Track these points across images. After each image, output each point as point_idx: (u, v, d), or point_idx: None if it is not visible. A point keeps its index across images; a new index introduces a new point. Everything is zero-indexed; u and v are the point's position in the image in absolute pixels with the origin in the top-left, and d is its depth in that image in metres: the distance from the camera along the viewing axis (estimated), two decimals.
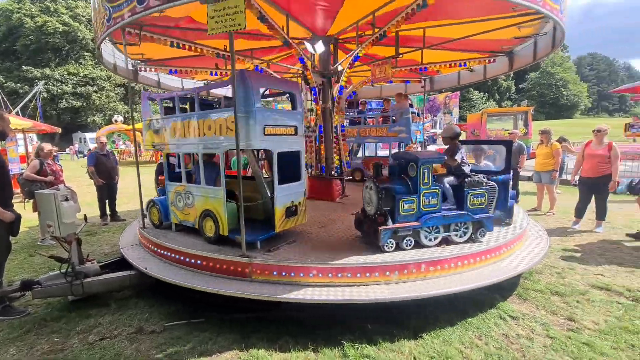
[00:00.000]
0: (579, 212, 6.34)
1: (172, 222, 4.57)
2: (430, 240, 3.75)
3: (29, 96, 24.17)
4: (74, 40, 42.30)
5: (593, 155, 5.92)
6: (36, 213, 4.32)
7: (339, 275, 3.26)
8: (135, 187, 5.16)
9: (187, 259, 3.78)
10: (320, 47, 5.63)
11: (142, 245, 4.59)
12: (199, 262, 3.68)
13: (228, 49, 6.05)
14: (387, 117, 8.22)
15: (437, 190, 3.73)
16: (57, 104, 39.94)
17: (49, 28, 39.93)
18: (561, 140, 8.91)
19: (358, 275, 3.27)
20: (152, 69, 7.46)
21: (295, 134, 4.08)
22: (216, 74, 8.02)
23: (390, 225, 3.60)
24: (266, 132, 3.69)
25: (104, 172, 7.18)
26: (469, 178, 3.97)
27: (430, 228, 3.73)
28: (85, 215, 4.19)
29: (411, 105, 7.94)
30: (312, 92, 5.97)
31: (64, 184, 6.03)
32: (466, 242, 3.85)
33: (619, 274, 4.27)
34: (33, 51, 40.55)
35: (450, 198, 3.97)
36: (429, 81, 8.92)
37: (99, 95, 42.17)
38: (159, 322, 3.40)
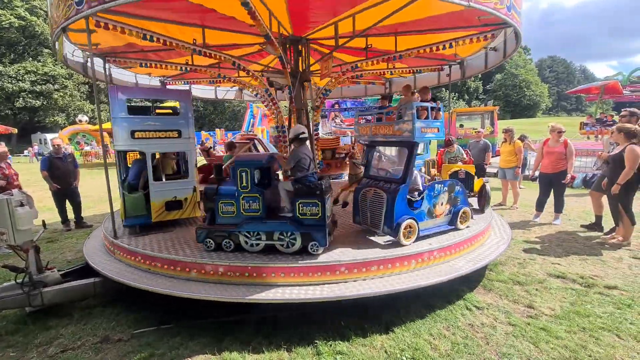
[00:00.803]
0: (539, 205, 6.74)
1: None
2: (251, 245, 3.64)
3: None
4: (31, 36, 39.60)
5: (550, 152, 6.31)
6: None
7: (156, 264, 3.68)
8: (99, 190, 4.95)
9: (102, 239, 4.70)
10: (272, 50, 5.67)
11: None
12: (103, 241, 4.61)
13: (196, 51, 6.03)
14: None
15: (257, 195, 3.59)
16: (13, 103, 37.21)
17: (3, 22, 37.12)
18: (522, 138, 9.42)
19: (171, 267, 3.60)
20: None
21: (179, 136, 4.62)
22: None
23: (207, 225, 3.74)
24: (135, 136, 4.36)
25: (59, 176, 6.73)
26: (298, 184, 3.67)
27: (251, 233, 3.61)
28: (43, 221, 3.96)
29: (434, 100, 6.79)
30: (267, 93, 5.97)
31: (20, 188, 5.65)
32: (296, 253, 3.55)
33: (573, 263, 4.58)
34: None
35: (286, 205, 3.79)
36: (460, 67, 7.44)
37: (61, 94, 39.63)
38: (127, 329, 3.27)
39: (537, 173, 6.86)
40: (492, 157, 9.64)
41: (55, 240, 6.30)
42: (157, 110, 4.81)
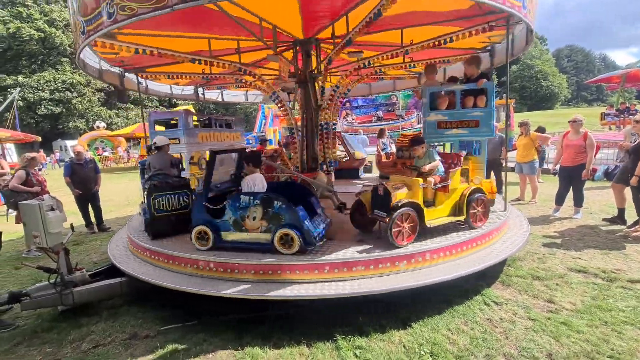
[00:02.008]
0: (559, 199, 6.59)
1: None
2: None
3: (4, 105, 23.37)
4: (50, 47, 41.05)
5: (570, 146, 6.17)
6: (20, 225, 4.26)
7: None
8: (120, 195, 5.14)
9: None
10: (273, 58, 5.82)
11: None
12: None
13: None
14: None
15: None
16: (34, 111, 38.70)
17: (23, 35, 38.62)
18: (540, 130, 9.20)
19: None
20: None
21: (179, 142, 6.34)
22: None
23: None
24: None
25: (80, 182, 7.01)
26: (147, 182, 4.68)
27: None
28: (71, 225, 4.16)
29: (484, 76, 4.67)
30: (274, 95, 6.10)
31: (49, 193, 5.94)
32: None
33: (595, 257, 4.49)
34: (6, 59, 39.22)
35: None
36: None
37: (80, 100, 40.99)
38: (153, 326, 3.42)
39: (557, 167, 6.71)
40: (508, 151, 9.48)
41: (80, 243, 6.58)
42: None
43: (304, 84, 6.13)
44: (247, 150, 4.61)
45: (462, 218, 3.99)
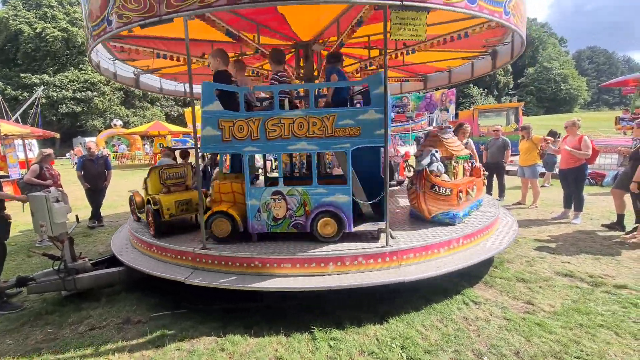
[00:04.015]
0: (566, 202, 6.54)
1: None
2: None
3: (28, 102, 24.43)
4: (73, 46, 42.66)
5: (565, 149, 6.14)
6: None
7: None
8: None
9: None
10: None
11: None
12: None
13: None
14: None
15: None
16: (57, 109, 40.29)
17: (47, 35, 40.27)
18: (552, 134, 9.05)
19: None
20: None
21: None
22: None
23: None
24: None
25: (89, 177, 7.33)
26: None
27: None
28: (77, 216, 4.43)
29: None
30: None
31: (61, 187, 6.28)
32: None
33: (585, 262, 4.47)
34: (32, 58, 40.95)
35: None
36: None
37: (101, 99, 42.43)
38: (146, 313, 3.63)
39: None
40: (511, 154, 9.37)
41: (89, 235, 6.92)
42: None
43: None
44: None
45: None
